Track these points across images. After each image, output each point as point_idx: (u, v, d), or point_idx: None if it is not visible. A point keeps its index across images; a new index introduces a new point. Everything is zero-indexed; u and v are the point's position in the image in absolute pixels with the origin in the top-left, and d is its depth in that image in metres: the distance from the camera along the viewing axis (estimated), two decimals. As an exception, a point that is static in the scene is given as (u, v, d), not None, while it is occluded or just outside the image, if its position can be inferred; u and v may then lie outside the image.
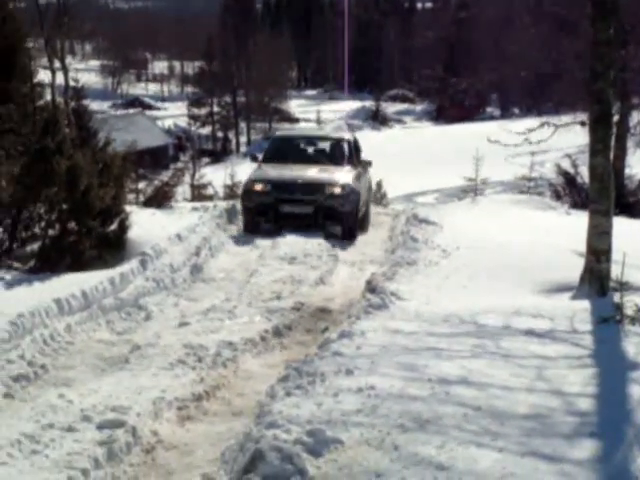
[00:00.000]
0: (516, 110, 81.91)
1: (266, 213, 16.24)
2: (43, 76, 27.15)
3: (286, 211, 16.12)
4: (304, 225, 15.85)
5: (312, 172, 16.70)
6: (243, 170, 26.61)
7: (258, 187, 16.35)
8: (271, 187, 16.26)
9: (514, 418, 5.96)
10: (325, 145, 18.58)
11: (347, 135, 19.34)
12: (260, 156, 18.53)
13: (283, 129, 30.50)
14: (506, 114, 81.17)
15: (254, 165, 18.30)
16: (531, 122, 11.80)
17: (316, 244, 14.88)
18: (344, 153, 17.84)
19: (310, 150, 18.43)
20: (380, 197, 28.92)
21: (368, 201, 18.65)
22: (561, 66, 11.58)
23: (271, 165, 17.36)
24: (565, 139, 12.01)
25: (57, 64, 39.19)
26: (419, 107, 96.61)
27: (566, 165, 24.25)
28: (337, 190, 16.11)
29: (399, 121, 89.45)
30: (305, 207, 16.04)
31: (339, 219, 16.00)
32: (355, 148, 18.30)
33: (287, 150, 18.14)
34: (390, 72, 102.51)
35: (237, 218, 17.31)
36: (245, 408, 7.52)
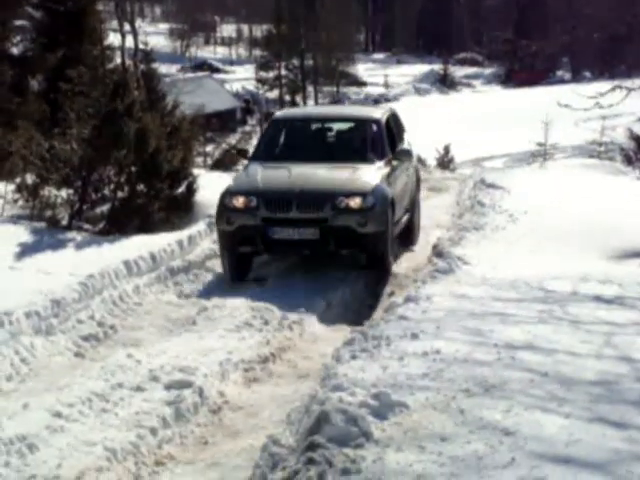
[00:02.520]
0: (587, 73, 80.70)
1: (251, 241, 10.75)
2: (113, 39, 27.45)
3: (279, 237, 10.63)
4: (306, 256, 11.24)
5: (320, 174, 11.07)
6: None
7: (238, 202, 10.75)
8: (257, 201, 10.67)
9: (581, 384, 5.90)
10: (347, 130, 13.03)
11: (379, 113, 12.97)
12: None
13: (282, 110, 26.07)
14: (577, 77, 79.95)
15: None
16: (603, 86, 11.61)
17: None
18: (373, 141, 12.21)
19: (325, 139, 12.80)
20: (447, 161, 28.73)
21: (416, 200, 13.40)
22: (635, 28, 11.32)
23: (264, 165, 11.60)
24: (638, 103, 11.79)
25: (127, 27, 39.58)
26: (488, 71, 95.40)
27: (638, 130, 23.85)
28: (355, 202, 10.57)
29: (467, 85, 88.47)
30: (306, 230, 10.58)
31: (360, 244, 10.66)
32: (393, 130, 12.80)
33: (292, 139, 12.59)
34: (459, 35, 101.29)
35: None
36: (311, 370, 7.56)
